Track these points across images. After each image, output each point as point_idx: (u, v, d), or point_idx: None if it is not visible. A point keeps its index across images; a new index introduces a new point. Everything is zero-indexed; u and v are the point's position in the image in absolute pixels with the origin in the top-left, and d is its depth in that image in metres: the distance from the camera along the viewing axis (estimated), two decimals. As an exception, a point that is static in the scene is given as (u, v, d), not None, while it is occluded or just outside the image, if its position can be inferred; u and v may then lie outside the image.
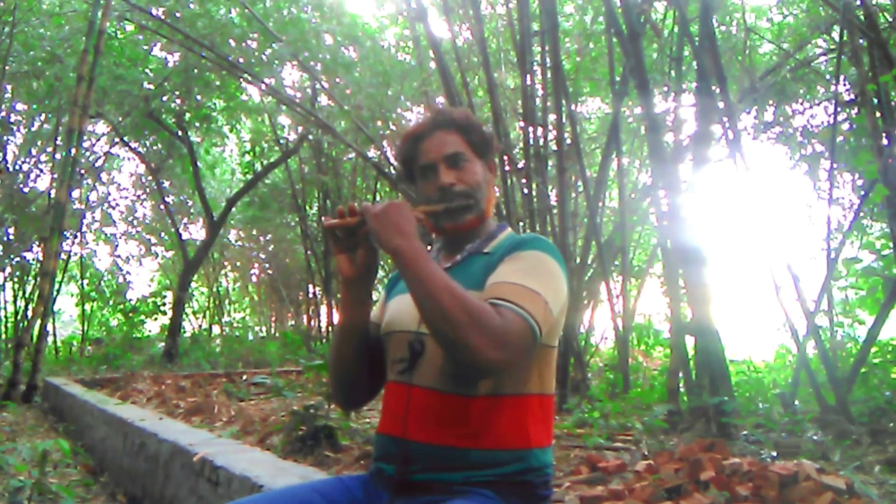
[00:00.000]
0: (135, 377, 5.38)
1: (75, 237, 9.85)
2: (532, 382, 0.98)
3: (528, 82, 4.14)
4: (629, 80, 4.02)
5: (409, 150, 1.08)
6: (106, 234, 11.03)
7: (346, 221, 0.99)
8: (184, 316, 10.64)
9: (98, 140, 9.46)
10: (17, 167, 8.45)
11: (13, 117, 8.22)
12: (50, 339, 9.41)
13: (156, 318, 10.31)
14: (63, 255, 8.87)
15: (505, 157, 4.20)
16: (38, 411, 5.29)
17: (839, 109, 4.51)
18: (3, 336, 6.91)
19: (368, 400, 1.13)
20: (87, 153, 8.96)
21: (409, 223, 0.94)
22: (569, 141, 4.53)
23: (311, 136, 8.47)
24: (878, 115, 3.31)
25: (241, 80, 7.46)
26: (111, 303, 11.23)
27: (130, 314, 10.04)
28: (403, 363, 1.00)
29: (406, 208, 0.96)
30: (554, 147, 4.24)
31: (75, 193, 8.78)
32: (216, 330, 12.92)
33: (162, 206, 10.34)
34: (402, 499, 0.95)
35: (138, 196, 11.25)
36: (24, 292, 8.65)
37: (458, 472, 0.93)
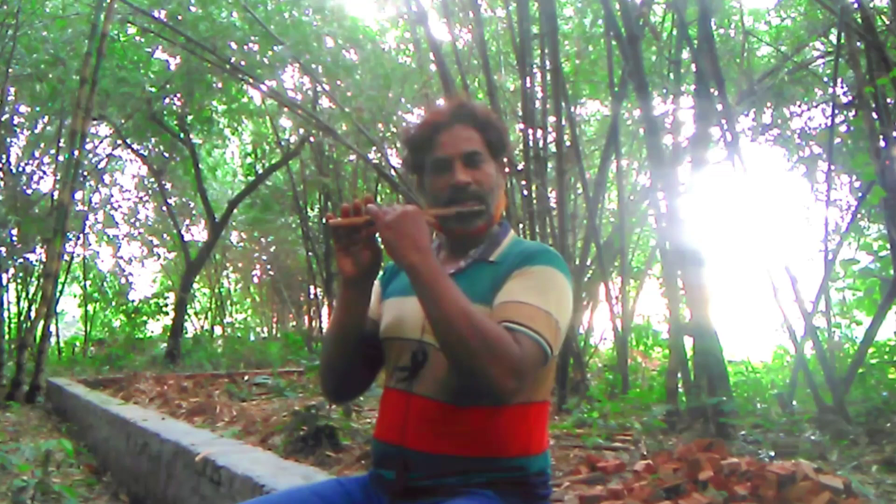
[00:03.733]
0: (137, 378, 5.41)
1: (78, 239, 9.88)
2: (533, 393, 0.97)
3: (528, 85, 4.17)
4: (628, 82, 4.04)
5: (424, 140, 1.03)
6: (108, 236, 11.07)
7: (352, 221, 0.95)
8: (186, 317, 10.69)
9: (101, 142, 9.50)
10: (21, 169, 8.48)
11: (16, 119, 8.25)
12: (53, 339, 9.48)
13: (158, 319, 10.36)
14: (66, 257, 8.91)
15: (505, 160, 4.22)
16: (41, 411, 5.31)
17: (837, 112, 4.52)
18: (7, 337, 6.92)
19: (359, 394, 1.12)
20: (90, 155, 8.99)
21: (425, 235, 0.90)
22: (568, 143, 4.56)
23: (312, 139, 8.50)
24: (875, 117, 3.33)
25: (243, 82, 7.50)
26: (114, 304, 11.28)
27: (133, 315, 10.09)
28: (405, 372, 0.98)
29: (420, 218, 0.92)
30: (553, 149, 4.26)
31: (78, 195, 8.81)
32: (218, 331, 12.95)
33: (164, 208, 10.38)
34: (402, 502, 0.96)
35: (141, 198, 11.29)
36: (27, 293, 8.66)
37: (458, 476, 0.93)
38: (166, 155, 9.26)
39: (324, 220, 9.60)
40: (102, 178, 10.22)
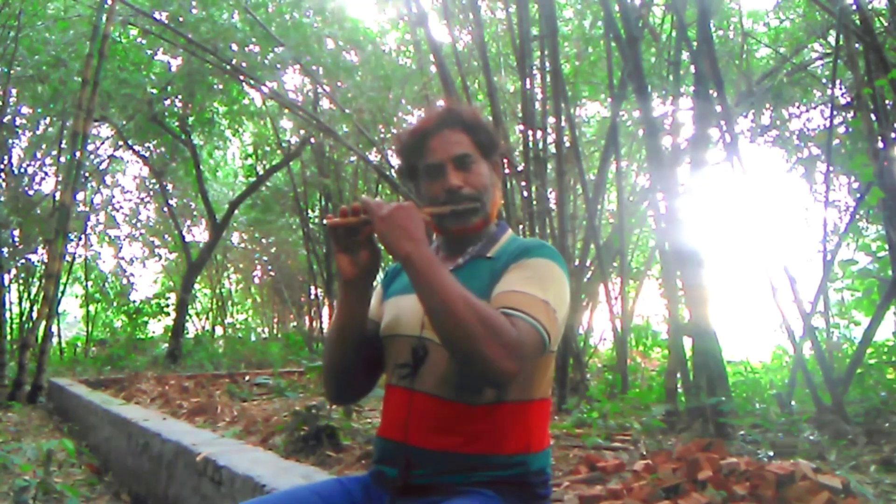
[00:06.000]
0: (139, 378, 5.42)
1: (80, 239, 9.91)
2: (532, 388, 0.98)
3: (528, 86, 4.18)
4: (627, 83, 4.05)
5: (415, 147, 1.04)
6: (110, 237, 11.12)
7: (349, 221, 0.96)
8: (187, 317, 10.72)
9: (102, 143, 9.53)
10: (23, 170, 8.51)
11: (18, 121, 8.27)
12: (55, 340, 9.52)
13: (159, 320, 10.37)
14: (68, 258, 8.92)
15: (505, 161, 4.23)
16: (42, 411, 5.33)
17: (835, 113, 4.55)
18: (9, 337, 6.94)
19: (362, 396, 1.13)
20: (92, 156, 9.01)
21: (419, 227, 0.92)
22: (568, 144, 4.58)
23: (312, 140, 8.53)
24: (873, 118, 3.34)
25: (244, 84, 7.52)
26: (115, 304, 11.32)
27: (134, 315, 10.10)
28: (406, 368, 0.99)
29: (414, 211, 0.93)
30: (553, 150, 4.27)
31: (80, 196, 8.84)
32: (219, 331, 12.98)
33: (165, 209, 10.41)
34: (403, 500, 0.96)
35: (142, 199, 11.34)
36: (29, 294, 8.70)
37: (460, 474, 0.94)
38: (167, 156, 9.29)
39: (323, 222, 9.62)
40: (104, 179, 10.26)
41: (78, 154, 5.94)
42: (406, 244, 0.90)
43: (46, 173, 8.83)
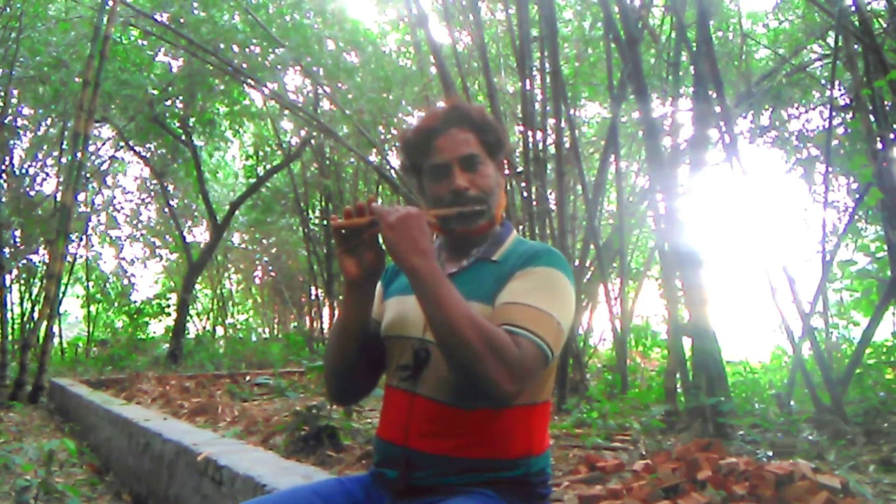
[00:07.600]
0: (139, 378, 5.42)
1: (81, 240, 9.92)
2: (534, 394, 0.98)
3: (528, 87, 4.19)
4: (627, 85, 4.06)
5: (420, 146, 1.02)
6: (111, 237, 11.12)
7: (355, 222, 0.95)
8: (188, 317, 10.72)
9: (103, 144, 9.55)
10: (24, 171, 8.52)
11: (20, 121, 8.29)
12: (56, 340, 9.50)
13: (160, 320, 10.37)
14: (69, 258, 8.93)
15: (505, 161, 4.23)
16: (44, 411, 5.34)
17: (834, 114, 4.55)
18: (10, 337, 6.95)
19: (364, 395, 1.12)
20: (93, 157, 9.03)
21: (427, 238, 0.90)
22: (568, 145, 4.59)
23: (313, 141, 8.54)
24: (872, 119, 3.34)
25: (245, 85, 7.54)
26: (116, 305, 11.33)
27: (135, 316, 10.10)
28: (407, 371, 0.99)
29: (423, 220, 0.91)
30: (553, 151, 4.28)
31: (81, 197, 8.86)
32: (220, 331, 12.97)
33: (166, 210, 10.42)
34: (404, 501, 0.96)
35: (143, 199, 11.35)
36: (30, 294, 8.71)
37: (460, 475, 0.94)
38: (168, 157, 9.30)
39: (325, 222, 9.65)
40: (105, 179, 10.26)
41: (79, 155, 5.95)
42: (414, 258, 0.88)
43: (48, 174, 8.86)
